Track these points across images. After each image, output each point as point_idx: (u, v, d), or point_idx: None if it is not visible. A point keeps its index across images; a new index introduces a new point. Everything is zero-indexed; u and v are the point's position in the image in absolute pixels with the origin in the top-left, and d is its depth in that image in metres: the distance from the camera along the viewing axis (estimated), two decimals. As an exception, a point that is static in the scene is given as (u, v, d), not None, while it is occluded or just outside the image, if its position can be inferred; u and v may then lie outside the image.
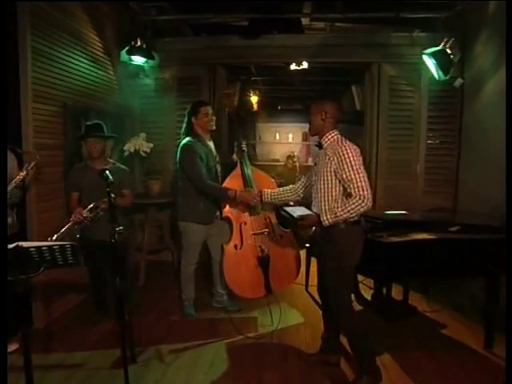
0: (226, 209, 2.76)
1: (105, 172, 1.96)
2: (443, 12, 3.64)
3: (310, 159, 7.92)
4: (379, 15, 3.77)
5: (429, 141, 4.00)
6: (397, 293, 3.12)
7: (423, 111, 3.96)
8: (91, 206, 2.56)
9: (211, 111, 2.83)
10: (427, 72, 3.65)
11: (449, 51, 3.33)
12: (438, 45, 3.37)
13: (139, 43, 3.53)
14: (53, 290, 2.87)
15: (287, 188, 2.57)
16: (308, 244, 3.50)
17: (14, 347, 2.36)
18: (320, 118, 2.13)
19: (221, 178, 2.90)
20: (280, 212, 2.51)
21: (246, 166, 2.80)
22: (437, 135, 3.99)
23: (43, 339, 2.60)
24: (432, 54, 3.39)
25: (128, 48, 3.55)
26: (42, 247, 1.63)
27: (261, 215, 2.80)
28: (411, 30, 3.89)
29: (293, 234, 2.88)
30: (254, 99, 7.25)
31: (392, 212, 3.02)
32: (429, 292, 3.35)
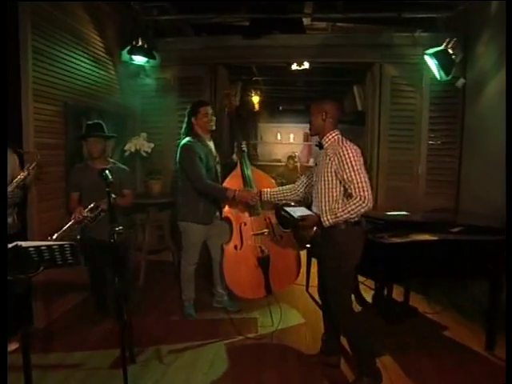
0: (226, 209, 2.75)
1: (104, 172, 1.95)
2: (445, 12, 3.63)
3: (312, 160, 7.91)
4: (381, 15, 3.76)
5: (430, 141, 3.99)
6: (397, 294, 3.11)
7: (425, 112, 3.95)
8: (92, 206, 2.56)
9: (211, 111, 2.83)
10: (429, 72, 3.64)
11: (451, 51, 3.32)
12: (440, 45, 3.36)
13: (140, 43, 3.54)
14: (53, 290, 2.87)
15: (287, 187, 2.56)
16: (309, 245, 3.49)
17: (14, 346, 2.35)
18: (320, 118, 2.13)
19: (221, 179, 2.89)
20: (280, 212, 2.50)
21: (246, 167, 2.79)
22: (438, 136, 3.98)
23: (43, 339, 2.60)
24: (434, 55, 3.38)
25: (129, 48, 3.55)
26: (41, 247, 1.63)
27: (261, 216, 2.79)
28: (413, 30, 3.88)
29: (293, 235, 2.87)
30: (256, 99, 7.26)
31: (393, 213, 3.01)
32: (430, 293, 3.33)
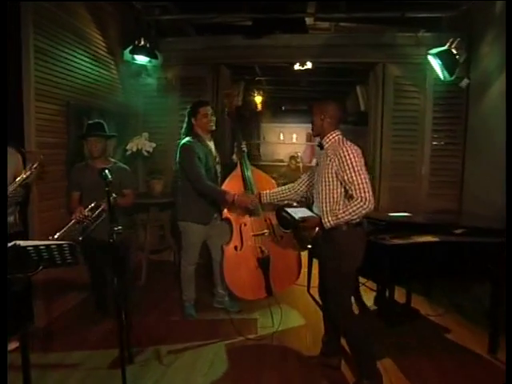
0: (226, 210, 2.74)
1: (104, 171, 1.95)
2: (449, 12, 3.60)
3: (314, 160, 7.87)
4: (384, 15, 3.74)
5: (434, 142, 3.96)
6: (399, 295, 3.09)
7: (428, 112, 3.92)
8: (92, 206, 2.55)
9: (211, 111, 2.82)
10: (432, 72, 3.62)
11: (454, 51, 3.30)
12: (444, 45, 3.34)
13: (142, 43, 3.54)
14: (53, 289, 2.87)
15: (286, 187, 2.55)
16: (310, 245, 3.47)
17: (14, 346, 2.35)
18: (320, 119, 2.12)
19: (221, 179, 2.88)
20: (281, 213, 2.49)
21: (246, 167, 2.78)
22: (442, 136, 3.95)
23: (43, 338, 2.59)
24: (437, 55, 3.36)
25: (131, 47, 3.55)
26: (40, 246, 1.62)
27: (261, 216, 2.78)
28: (416, 30, 3.86)
29: (293, 235, 2.86)
30: (258, 99, 7.26)
31: (396, 214, 2.99)
32: (432, 295, 3.31)
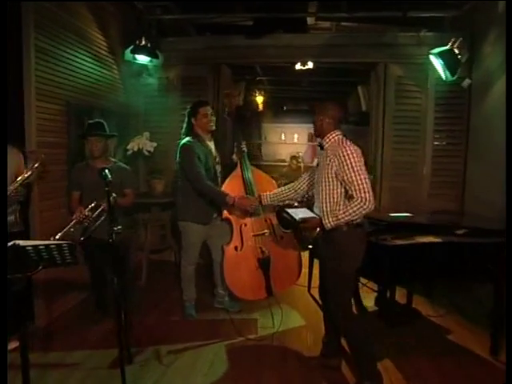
0: (227, 210, 2.74)
1: (104, 171, 1.95)
2: (451, 11, 3.59)
3: (316, 160, 7.85)
4: (385, 14, 3.73)
5: (435, 142, 3.94)
6: (400, 296, 3.08)
7: (430, 112, 3.91)
8: (92, 205, 2.55)
9: (210, 111, 2.82)
10: (434, 72, 3.60)
11: (456, 51, 3.28)
12: (446, 45, 3.31)
13: (144, 42, 3.54)
14: (54, 289, 2.87)
15: (286, 187, 2.55)
16: (311, 246, 3.46)
17: (14, 345, 2.35)
18: (321, 119, 2.13)
19: (221, 179, 2.88)
20: (281, 214, 2.48)
21: (246, 168, 2.78)
22: (443, 136, 3.94)
23: (43, 338, 2.59)
24: (439, 54, 3.34)
25: (132, 47, 3.56)
26: (39, 246, 1.62)
27: (261, 216, 2.78)
28: (418, 30, 3.85)
29: (293, 235, 2.85)
30: (260, 99, 7.25)
31: (397, 214, 2.98)
32: (433, 296, 3.29)
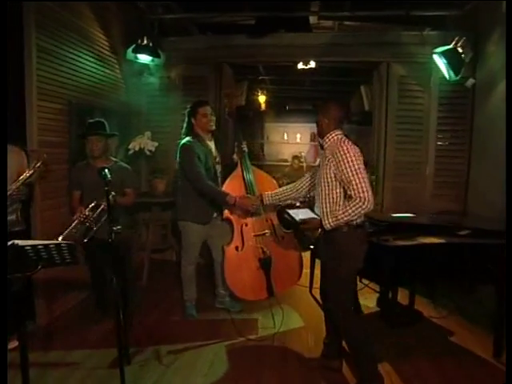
0: (227, 210, 2.73)
1: (103, 171, 1.94)
2: (454, 10, 3.56)
3: (318, 160, 7.84)
4: (388, 13, 3.71)
5: (438, 142, 3.92)
6: (402, 297, 3.05)
7: (433, 112, 3.88)
8: (93, 205, 2.54)
9: (210, 111, 2.81)
10: (437, 72, 3.57)
11: (460, 50, 3.26)
12: (449, 44, 3.30)
13: (145, 42, 3.54)
14: (54, 289, 2.87)
15: (288, 187, 2.54)
16: (312, 246, 3.45)
17: (14, 345, 2.35)
18: (321, 119, 2.13)
19: (221, 179, 2.87)
20: (282, 214, 2.47)
21: (247, 168, 2.78)
22: (447, 136, 3.91)
23: (43, 337, 2.60)
24: (443, 54, 3.32)
25: (134, 46, 3.56)
26: (38, 246, 1.62)
27: (262, 216, 2.77)
28: (421, 29, 3.82)
29: (294, 235, 2.84)
30: (262, 99, 7.24)
31: (399, 215, 2.96)
32: (435, 297, 3.27)
